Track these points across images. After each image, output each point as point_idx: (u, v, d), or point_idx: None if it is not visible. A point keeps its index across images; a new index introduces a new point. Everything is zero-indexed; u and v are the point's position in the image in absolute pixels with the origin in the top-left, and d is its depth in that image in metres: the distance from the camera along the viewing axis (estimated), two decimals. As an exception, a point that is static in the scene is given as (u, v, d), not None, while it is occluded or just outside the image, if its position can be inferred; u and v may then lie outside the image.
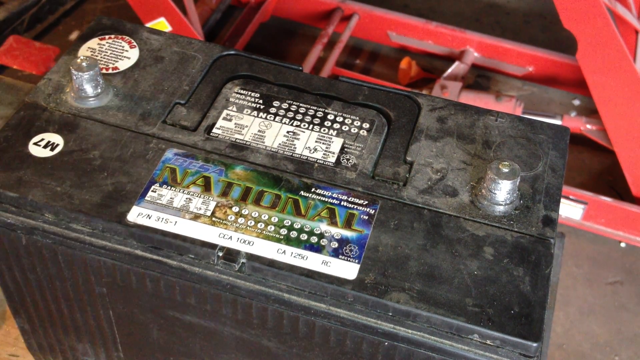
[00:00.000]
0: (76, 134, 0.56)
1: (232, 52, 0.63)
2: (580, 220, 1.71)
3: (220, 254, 0.49)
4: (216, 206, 0.52)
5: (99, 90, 0.58)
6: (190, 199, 0.52)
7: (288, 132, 0.57)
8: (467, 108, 0.59)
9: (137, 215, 0.51)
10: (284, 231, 0.50)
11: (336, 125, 0.58)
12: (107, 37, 0.63)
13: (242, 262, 0.49)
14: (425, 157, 0.56)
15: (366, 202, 0.52)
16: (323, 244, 0.50)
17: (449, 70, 1.64)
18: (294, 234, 0.50)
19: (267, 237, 0.50)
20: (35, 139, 0.55)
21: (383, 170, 0.55)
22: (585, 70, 1.45)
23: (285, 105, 0.59)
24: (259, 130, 0.57)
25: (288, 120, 0.58)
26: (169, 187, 0.52)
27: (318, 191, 0.53)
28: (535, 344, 0.46)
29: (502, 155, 0.56)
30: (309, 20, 1.81)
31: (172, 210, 0.51)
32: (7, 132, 0.56)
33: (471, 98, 1.54)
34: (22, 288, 0.59)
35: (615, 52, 1.37)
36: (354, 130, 0.58)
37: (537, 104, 1.81)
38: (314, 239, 0.50)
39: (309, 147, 0.56)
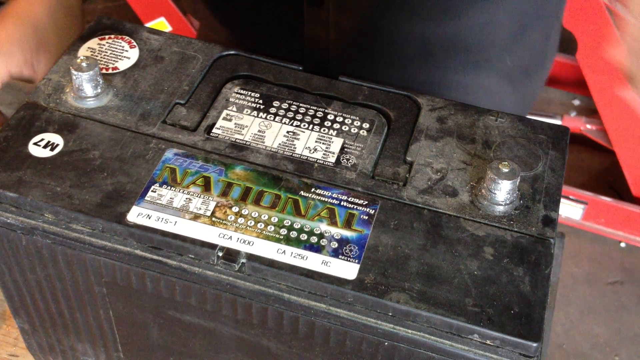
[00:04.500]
0: (76, 134, 0.56)
1: (232, 52, 0.63)
2: (580, 220, 1.71)
3: (220, 254, 0.49)
4: (216, 206, 0.52)
5: (99, 90, 0.58)
6: (190, 199, 0.52)
7: (288, 132, 0.57)
8: (467, 108, 0.59)
9: (136, 215, 0.51)
10: (283, 231, 0.50)
11: (336, 125, 0.58)
12: (107, 37, 0.63)
13: (242, 262, 0.49)
14: (425, 157, 0.56)
15: (366, 202, 0.52)
16: (323, 244, 0.50)
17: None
18: (293, 234, 0.50)
19: (267, 237, 0.50)
20: (35, 139, 0.55)
21: (383, 170, 0.55)
22: (585, 70, 1.45)
23: (285, 105, 0.59)
24: (259, 130, 0.57)
25: (288, 120, 0.58)
26: (169, 187, 0.52)
27: (318, 191, 0.53)
28: (535, 344, 0.46)
29: (502, 155, 0.56)
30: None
31: (172, 210, 0.51)
32: (7, 132, 0.56)
33: (471, 98, 1.54)
34: (22, 288, 0.59)
35: (615, 52, 1.37)
36: (354, 130, 0.58)
37: (537, 104, 1.81)
38: (313, 239, 0.50)
39: (308, 147, 0.56)
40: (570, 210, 1.67)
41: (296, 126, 0.58)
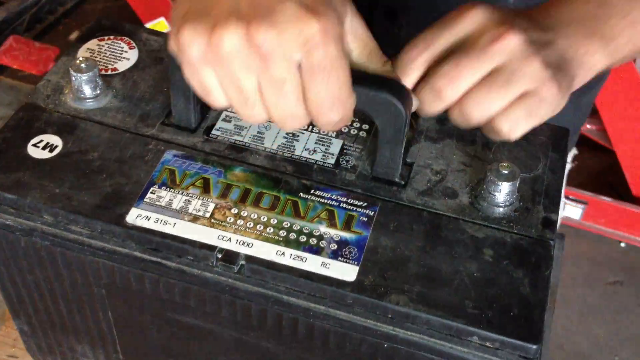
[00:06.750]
0: (75, 135, 0.56)
1: (231, 53, 0.63)
2: (580, 220, 1.70)
3: (219, 255, 0.49)
4: (215, 208, 0.51)
5: (98, 92, 0.58)
6: (189, 201, 0.52)
7: (287, 133, 0.57)
8: (467, 109, 0.59)
9: (136, 216, 0.51)
10: (283, 233, 0.50)
11: (335, 127, 0.58)
12: (106, 38, 0.63)
13: (241, 264, 0.49)
14: (425, 158, 0.55)
15: (365, 203, 0.52)
16: (322, 245, 0.50)
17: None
18: (293, 235, 0.50)
19: (266, 239, 0.50)
20: (34, 140, 0.55)
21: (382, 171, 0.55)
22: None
23: (284, 107, 0.59)
24: (258, 132, 0.57)
25: (287, 121, 0.58)
26: (168, 189, 0.52)
27: (317, 193, 0.53)
28: (535, 346, 0.46)
29: (501, 157, 0.56)
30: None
31: (171, 212, 0.51)
32: (6, 133, 0.56)
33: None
34: (21, 290, 0.59)
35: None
36: (354, 131, 0.57)
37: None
38: (313, 241, 0.50)
39: (308, 149, 0.56)
40: (570, 210, 1.67)
41: (295, 127, 0.57)
